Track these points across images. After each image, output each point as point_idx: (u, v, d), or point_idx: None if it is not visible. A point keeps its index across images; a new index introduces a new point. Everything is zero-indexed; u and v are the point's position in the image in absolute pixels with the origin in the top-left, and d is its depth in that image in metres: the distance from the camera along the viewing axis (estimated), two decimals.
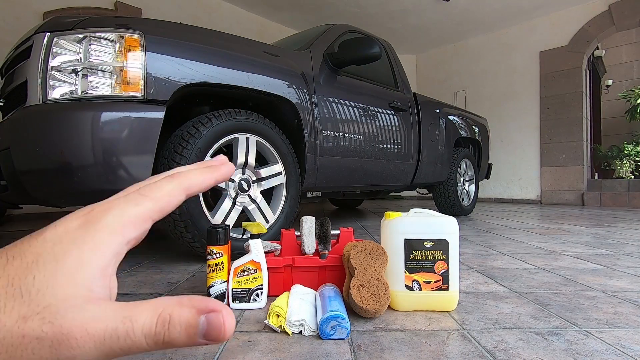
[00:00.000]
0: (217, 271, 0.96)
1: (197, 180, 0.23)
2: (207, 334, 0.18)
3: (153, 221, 0.21)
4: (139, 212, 0.20)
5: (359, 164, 2.25)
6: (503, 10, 5.39)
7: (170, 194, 0.22)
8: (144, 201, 0.21)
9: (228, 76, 1.51)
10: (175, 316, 0.18)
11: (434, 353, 0.71)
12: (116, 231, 0.19)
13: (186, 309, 0.18)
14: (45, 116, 1.20)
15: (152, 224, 0.21)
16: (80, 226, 0.19)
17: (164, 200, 0.21)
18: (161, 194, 0.21)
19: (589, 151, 5.68)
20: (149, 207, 0.21)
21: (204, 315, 0.18)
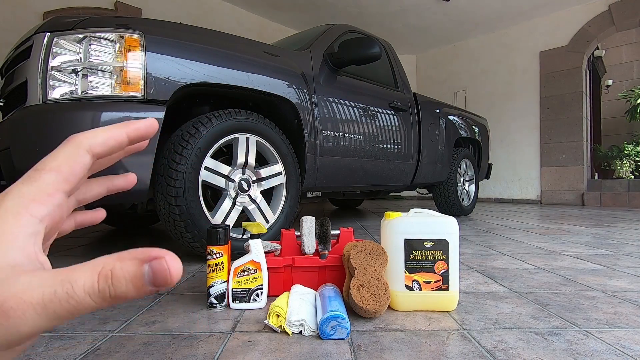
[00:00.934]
0: (217, 271, 0.96)
1: (100, 138, 0.21)
2: (154, 281, 0.18)
3: (64, 192, 0.20)
4: (40, 187, 0.19)
5: (359, 164, 2.25)
6: (503, 10, 5.39)
7: (69, 159, 0.20)
8: (40, 175, 0.19)
9: (228, 76, 1.51)
10: (118, 271, 0.17)
11: (434, 353, 0.71)
12: (20, 212, 0.18)
13: (128, 262, 0.18)
14: (45, 116, 1.20)
15: (64, 196, 0.20)
16: None
17: (64, 167, 0.20)
18: (58, 162, 0.20)
19: (589, 151, 5.68)
20: (50, 180, 0.19)
21: (147, 264, 0.18)
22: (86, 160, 0.21)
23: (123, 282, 0.17)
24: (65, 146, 0.20)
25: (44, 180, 0.19)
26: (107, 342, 0.77)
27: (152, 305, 1.00)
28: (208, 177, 1.45)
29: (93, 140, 0.21)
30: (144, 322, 0.87)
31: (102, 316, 0.91)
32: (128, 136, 0.22)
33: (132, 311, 0.95)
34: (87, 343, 0.76)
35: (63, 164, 0.20)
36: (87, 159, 0.21)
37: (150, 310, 0.95)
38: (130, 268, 0.17)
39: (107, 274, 0.17)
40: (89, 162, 0.21)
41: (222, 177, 1.51)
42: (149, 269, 0.18)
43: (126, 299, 0.18)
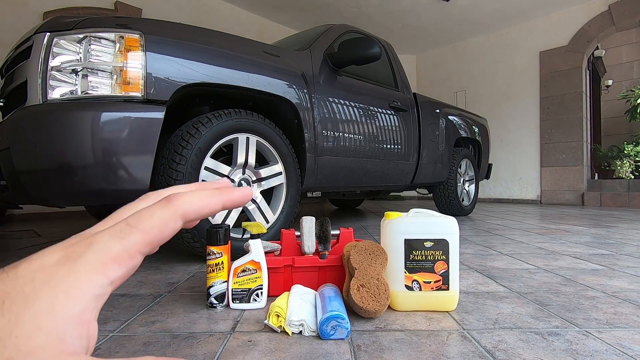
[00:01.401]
0: (217, 271, 0.96)
1: (198, 205, 0.20)
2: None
3: (142, 255, 0.19)
4: (125, 247, 0.18)
5: (359, 164, 2.25)
6: (503, 10, 5.39)
7: (163, 223, 0.19)
8: (131, 233, 0.18)
9: (228, 76, 1.51)
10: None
11: (434, 353, 0.71)
12: (97, 270, 0.17)
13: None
14: (45, 116, 1.20)
15: (141, 259, 0.19)
16: (58, 262, 0.17)
17: (154, 231, 0.19)
18: (152, 224, 0.19)
19: (589, 151, 5.68)
20: (137, 241, 0.18)
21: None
22: (177, 225, 0.20)
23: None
24: (163, 208, 0.19)
25: (132, 239, 0.18)
26: (107, 342, 0.77)
27: (152, 305, 1.00)
28: (208, 177, 1.45)
29: (190, 206, 0.20)
30: (144, 322, 0.87)
31: (102, 316, 0.91)
32: (223, 205, 0.21)
33: (132, 311, 0.95)
34: None
35: (155, 227, 0.19)
36: (179, 224, 0.20)
37: (150, 310, 0.95)
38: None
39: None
40: (178, 229, 0.20)
41: (222, 177, 1.51)
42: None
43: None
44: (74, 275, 0.16)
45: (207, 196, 0.21)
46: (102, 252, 0.17)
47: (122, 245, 0.18)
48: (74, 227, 2.86)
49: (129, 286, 1.19)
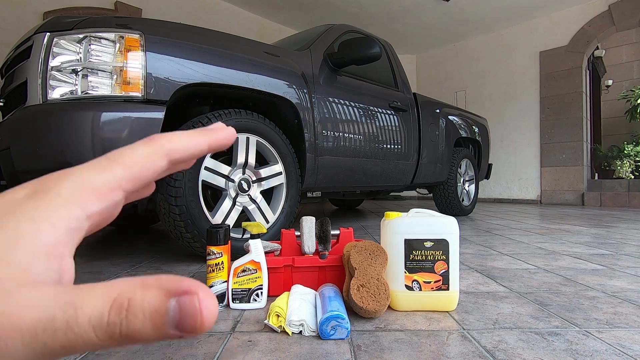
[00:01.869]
0: (217, 271, 0.96)
1: (183, 144, 0.19)
2: (179, 322, 0.13)
3: (125, 191, 0.17)
4: (105, 179, 0.17)
5: (359, 164, 2.25)
6: (503, 10, 5.39)
7: (146, 159, 0.18)
8: (110, 166, 0.17)
9: (228, 76, 1.51)
10: (137, 300, 0.13)
11: (434, 353, 0.71)
12: (72, 201, 0.16)
13: (151, 291, 0.14)
14: (45, 116, 1.20)
15: (123, 196, 0.17)
16: (28, 195, 0.16)
17: (137, 165, 0.17)
18: (134, 159, 0.17)
19: (589, 151, 5.68)
20: (118, 174, 0.17)
21: (174, 298, 0.14)
22: (162, 165, 0.18)
23: (140, 317, 0.13)
24: (146, 144, 0.18)
25: (113, 172, 0.17)
26: None
27: None
28: (208, 177, 1.45)
29: (175, 145, 0.19)
30: None
31: None
32: (209, 146, 0.21)
33: None
34: None
35: (138, 162, 0.18)
36: (164, 163, 0.18)
37: None
38: (153, 299, 0.14)
39: (122, 303, 0.13)
40: (164, 167, 0.19)
41: (222, 177, 1.51)
42: (175, 305, 0.13)
43: (138, 340, 0.14)
44: (44, 206, 0.15)
45: (192, 134, 0.20)
46: (79, 183, 0.16)
47: (101, 177, 0.17)
48: None
49: None
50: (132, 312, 0.13)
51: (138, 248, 1.88)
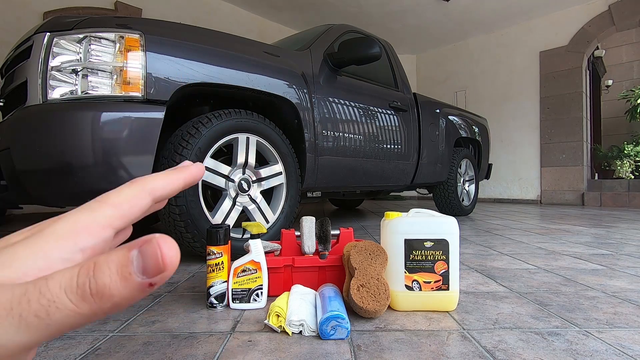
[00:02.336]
0: (217, 271, 0.96)
1: (162, 183, 0.21)
2: (144, 268, 0.15)
3: (115, 229, 0.19)
4: (96, 218, 0.18)
5: (359, 164, 2.25)
6: (503, 10, 5.39)
7: (132, 198, 0.20)
8: (100, 207, 0.19)
9: (228, 76, 1.51)
10: (102, 261, 0.15)
11: (434, 353, 0.71)
12: (66, 237, 0.17)
13: (115, 252, 0.15)
14: (45, 116, 1.20)
15: (113, 232, 0.19)
16: (25, 237, 0.17)
17: (124, 205, 0.19)
18: (121, 199, 0.19)
19: (589, 151, 5.68)
20: (108, 214, 0.19)
21: (136, 249, 0.15)
22: (146, 202, 0.20)
23: (107, 272, 0.15)
24: (131, 186, 0.20)
25: (102, 212, 0.19)
26: (107, 342, 0.77)
27: (152, 305, 1.00)
28: (208, 177, 1.45)
29: (156, 184, 0.21)
30: (144, 322, 0.87)
31: None
32: (184, 181, 0.23)
33: (132, 311, 0.95)
34: (87, 343, 0.76)
35: (125, 202, 0.19)
36: (148, 200, 0.21)
37: (150, 310, 0.95)
38: (116, 256, 0.15)
39: (89, 265, 0.15)
40: (148, 205, 0.21)
41: (222, 177, 1.51)
42: (137, 254, 0.15)
43: (112, 298, 0.15)
44: (40, 240, 0.17)
45: (169, 174, 0.22)
46: (72, 223, 0.18)
47: (92, 216, 0.18)
48: None
49: None
50: (99, 269, 0.15)
51: None
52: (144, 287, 0.15)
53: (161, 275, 0.15)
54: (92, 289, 0.14)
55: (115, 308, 0.15)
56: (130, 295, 0.15)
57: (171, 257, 0.15)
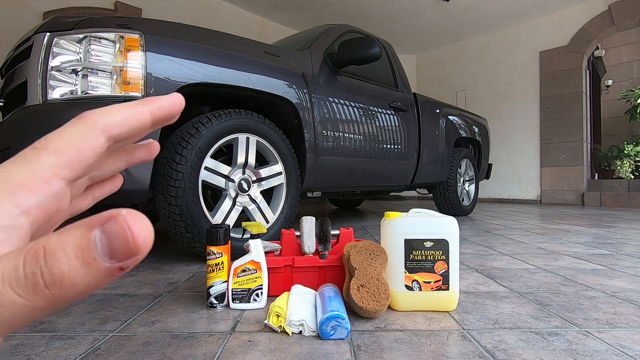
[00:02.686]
0: (217, 271, 0.96)
1: (119, 116, 0.17)
2: (111, 250, 0.12)
3: (65, 179, 0.16)
4: (35, 170, 0.15)
5: (359, 164, 2.25)
6: (503, 10, 5.39)
7: (78, 140, 0.16)
8: (39, 155, 0.15)
9: (228, 76, 1.51)
10: (53, 243, 0.12)
11: (434, 353, 0.71)
12: (1, 199, 0.14)
13: (69, 231, 0.12)
14: (45, 116, 1.20)
15: (64, 184, 0.16)
16: None
17: (70, 150, 0.16)
18: (64, 142, 0.16)
19: (589, 151, 5.68)
20: (50, 162, 0.15)
21: (98, 228, 0.12)
22: (99, 142, 0.16)
23: (63, 258, 0.12)
24: (74, 124, 0.16)
25: (42, 162, 0.15)
26: (107, 342, 0.77)
27: (152, 305, 1.00)
28: (208, 177, 1.45)
29: (110, 118, 0.17)
30: (144, 322, 0.87)
31: (102, 316, 0.91)
32: (152, 115, 0.18)
33: (132, 311, 0.95)
34: (87, 343, 0.76)
35: (69, 145, 0.16)
36: (101, 141, 0.16)
37: (150, 310, 0.95)
38: (72, 237, 0.12)
39: (37, 251, 0.12)
40: (103, 146, 0.17)
41: (222, 177, 1.51)
42: (100, 234, 0.12)
43: (75, 285, 0.12)
44: None
45: (130, 105, 0.18)
46: (5, 179, 0.15)
47: (30, 168, 0.15)
48: None
49: (129, 286, 1.19)
50: (50, 255, 0.12)
51: None
52: (112, 272, 0.13)
53: (134, 258, 0.13)
54: (46, 280, 0.12)
55: (79, 295, 0.13)
56: (96, 281, 0.12)
57: (144, 237, 0.13)
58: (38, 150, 0.15)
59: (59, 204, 0.16)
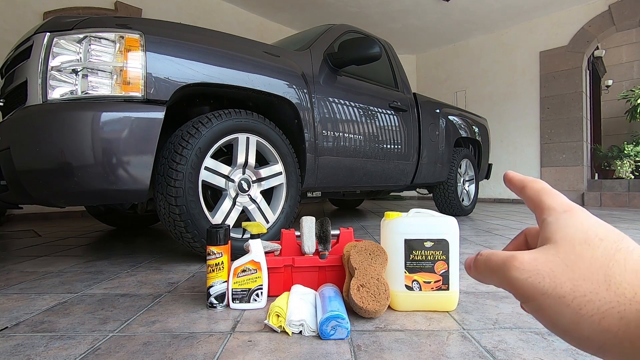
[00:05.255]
0: (217, 271, 0.96)
1: None
2: None
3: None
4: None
5: (359, 164, 2.25)
6: (503, 10, 5.39)
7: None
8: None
9: (228, 76, 1.51)
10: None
11: (434, 353, 0.71)
12: None
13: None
14: (45, 116, 1.20)
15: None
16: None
17: None
18: None
19: (589, 151, 5.68)
20: None
21: None
22: None
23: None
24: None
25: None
26: (107, 342, 0.77)
27: (152, 305, 1.00)
28: (208, 177, 1.45)
29: None
30: (144, 322, 0.87)
31: (102, 316, 0.91)
32: None
33: (132, 311, 0.95)
34: (87, 343, 0.76)
35: None
36: None
37: (150, 310, 0.95)
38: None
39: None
40: None
41: (222, 177, 1.51)
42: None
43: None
44: None
45: None
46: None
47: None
48: (73, 227, 2.86)
49: (129, 286, 1.19)
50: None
51: (138, 248, 1.88)
52: None
53: None
54: None
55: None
56: None
57: None
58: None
59: None
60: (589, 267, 0.19)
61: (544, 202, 0.25)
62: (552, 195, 0.25)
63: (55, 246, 1.96)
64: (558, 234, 0.22)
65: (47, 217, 3.49)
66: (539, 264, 0.20)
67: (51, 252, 1.80)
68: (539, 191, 0.25)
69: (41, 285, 1.20)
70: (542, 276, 0.20)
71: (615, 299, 0.18)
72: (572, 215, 0.22)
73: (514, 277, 0.21)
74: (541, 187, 0.26)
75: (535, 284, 0.20)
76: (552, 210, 0.24)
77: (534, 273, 0.20)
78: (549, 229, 0.22)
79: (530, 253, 0.21)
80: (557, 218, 0.23)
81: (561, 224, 0.22)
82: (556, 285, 0.19)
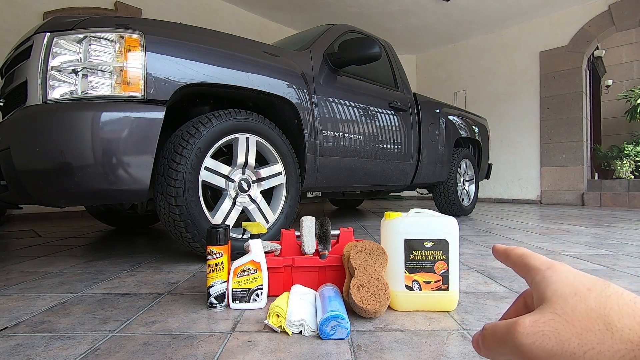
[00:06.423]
0: (217, 271, 0.96)
1: None
2: None
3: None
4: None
5: (359, 164, 2.25)
6: (503, 10, 5.39)
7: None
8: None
9: (228, 76, 1.51)
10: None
11: (434, 353, 0.71)
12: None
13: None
14: (45, 116, 1.20)
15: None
16: None
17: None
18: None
19: (589, 151, 5.68)
20: None
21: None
22: None
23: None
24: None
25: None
26: (107, 342, 0.77)
27: (152, 305, 1.00)
28: (208, 177, 1.45)
29: None
30: (144, 322, 0.87)
31: (102, 316, 0.91)
32: None
33: (132, 311, 0.95)
34: (87, 343, 0.76)
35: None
36: None
37: (150, 310, 0.95)
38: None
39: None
40: None
41: (222, 177, 1.51)
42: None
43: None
44: None
45: None
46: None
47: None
48: (74, 227, 2.86)
49: (129, 286, 1.19)
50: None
51: (138, 248, 1.88)
52: None
53: None
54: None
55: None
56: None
57: None
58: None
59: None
60: (587, 318, 0.20)
61: (529, 264, 0.26)
62: (533, 257, 0.27)
63: (55, 246, 1.96)
64: (548, 291, 0.23)
65: (47, 217, 3.49)
66: (540, 324, 0.21)
67: (51, 252, 1.80)
68: (521, 256, 0.27)
69: (41, 285, 1.20)
70: (548, 336, 0.20)
71: (623, 347, 0.18)
72: (555, 271, 0.24)
73: (522, 343, 0.21)
74: (522, 252, 0.28)
75: (543, 345, 0.20)
76: (537, 270, 0.25)
77: (539, 335, 0.21)
78: (539, 288, 0.24)
79: (530, 316, 0.22)
80: (543, 276, 0.24)
81: (548, 281, 0.23)
82: (563, 343, 0.20)
